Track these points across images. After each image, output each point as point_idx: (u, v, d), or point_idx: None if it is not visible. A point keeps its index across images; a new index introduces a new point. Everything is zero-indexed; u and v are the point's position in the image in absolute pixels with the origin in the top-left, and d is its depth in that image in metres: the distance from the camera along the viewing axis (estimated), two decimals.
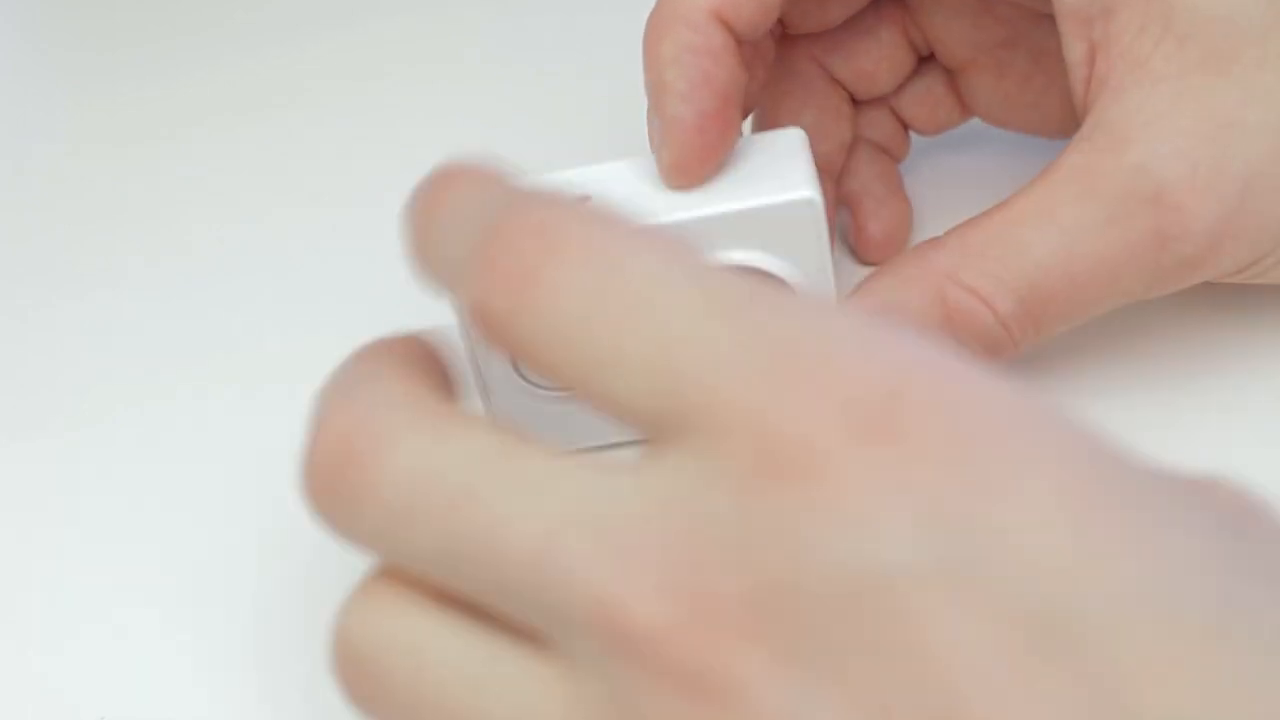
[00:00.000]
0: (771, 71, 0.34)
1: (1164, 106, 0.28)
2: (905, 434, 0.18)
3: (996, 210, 0.29)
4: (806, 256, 0.29)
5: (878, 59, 0.34)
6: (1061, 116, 0.34)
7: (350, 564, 0.30)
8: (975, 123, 0.37)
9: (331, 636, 0.21)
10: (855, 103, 0.35)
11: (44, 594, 0.32)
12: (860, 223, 0.35)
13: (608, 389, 0.20)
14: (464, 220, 0.21)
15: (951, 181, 0.37)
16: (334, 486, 0.21)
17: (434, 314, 0.37)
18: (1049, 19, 0.32)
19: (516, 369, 0.30)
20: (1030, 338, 0.29)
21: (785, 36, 0.34)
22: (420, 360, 0.23)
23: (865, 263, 0.35)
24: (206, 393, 0.36)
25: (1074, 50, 0.30)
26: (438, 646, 0.20)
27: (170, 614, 0.31)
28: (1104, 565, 0.18)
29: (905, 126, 0.36)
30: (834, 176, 0.35)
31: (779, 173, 0.29)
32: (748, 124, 0.35)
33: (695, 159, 0.29)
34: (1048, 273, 0.28)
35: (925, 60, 0.35)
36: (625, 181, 0.30)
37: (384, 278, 0.39)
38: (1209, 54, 0.28)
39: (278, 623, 0.30)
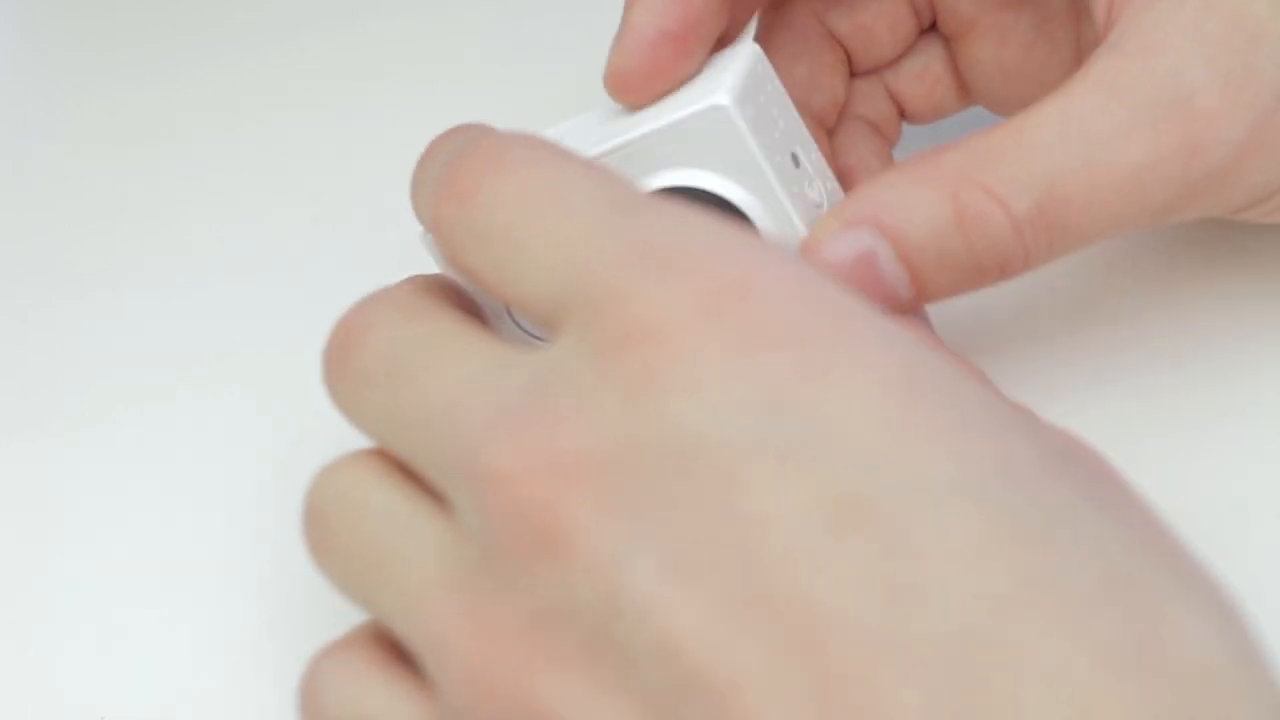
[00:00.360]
0: (768, 22, 0.34)
1: (1193, 17, 0.27)
2: (747, 317, 0.20)
3: (1018, 116, 0.27)
4: (737, 165, 0.28)
5: (878, 14, 0.34)
6: None
7: None
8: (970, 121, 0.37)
9: (304, 499, 0.25)
10: (852, 73, 0.35)
11: (44, 594, 0.32)
12: None
13: (518, 288, 0.22)
14: (440, 158, 0.25)
15: None
16: (331, 365, 0.24)
17: None
18: None
19: (514, 320, 0.30)
20: (1042, 251, 0.27)
21: None
22: (443, 284, 0.27)
23: None
24: (206, 392, 0.36)
25: None
26: (373, 505, 0.23)
27: (170, 614, 0.31)
28: (918, 454, 0.19)
29: (900, 110, 0.36)
30: (828, 130, 0.35)
31: (705, 86, 0.28)
32: None
33: (639, 74, 0.28)
34: (1069, 177, 0.27)
35: (925, 35, 0.35)
36: (588, 123, 0.30)
37: (385, 278, 0.39)
38: None
39: (279, 622, 0.30)
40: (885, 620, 0.18)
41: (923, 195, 0.27)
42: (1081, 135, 0.27)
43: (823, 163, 0.29)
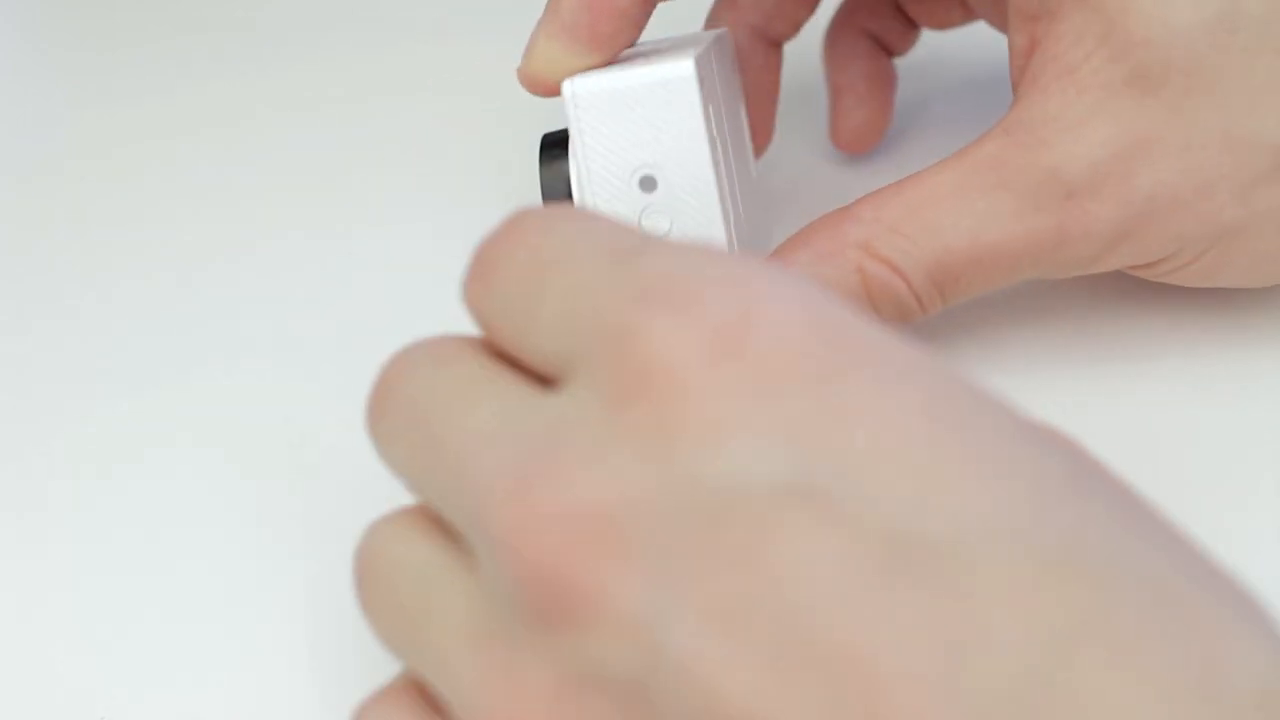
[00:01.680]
0: None
1: (1084, 115, 0.29)
2: (755, 356, 0.19)
3: (911, 184, 0.30)
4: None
5: None
6: None
7: (346, 568, 0.31)
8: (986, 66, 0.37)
9: (354, 554, 0.25)
10: None
11: (44, 594, 0.32)
12: (834, 115, 0.39)
13: (532, 345, 0.22)
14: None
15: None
16: (370, 414, 0.24)
17: (432, 324, 0.37)
18: None
19: None
20: (936, 306, 0.31)
21: None
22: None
23: (836, 146, 0.39)
24: (205, 398, 0.36)
25: (1016, 39, 0.31)
26: (409, 562, 0.23)
27: (170, 614, 0.31)
28: (954, 490, 0.19)
29: (908, 21, 0.38)
30: (779, 45, 0.37)
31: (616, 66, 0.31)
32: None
33: (537, 82, 0.31)
34: (955, 254, 0.30)
35: None
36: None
37: (386, 283, 0.39)
38: (1138, 73, 0.29)
39: (278, 623, 0.30)
40: (942, 671, 0.17)
41: (832, 270, 0.30)
42: (969, 217, 0.30)
43: (714, 205, 0.30)
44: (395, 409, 0.23)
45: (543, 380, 0.22)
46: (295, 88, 0.47)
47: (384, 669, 0.29)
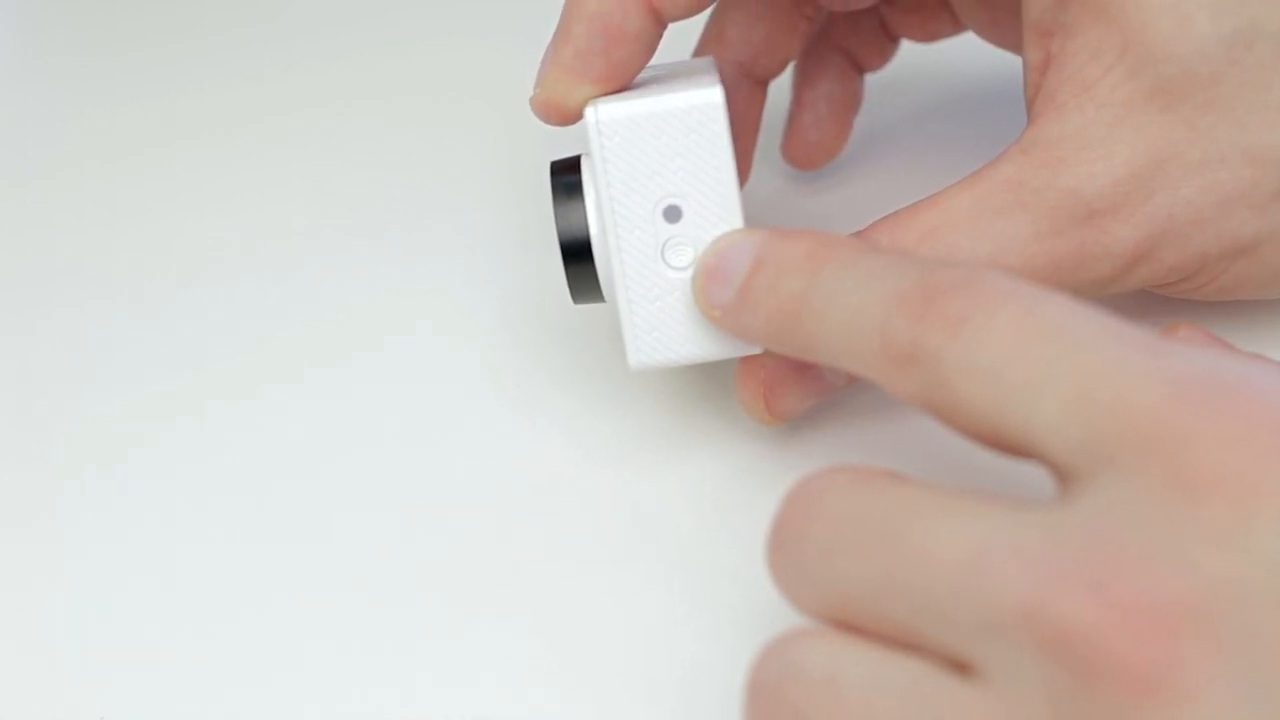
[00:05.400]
0: None
1: (1103, 133, 0.29)
2: None
3: (926, 207, 0.30)
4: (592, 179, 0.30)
5: None
6: None
7: (343, 569, 0.31)
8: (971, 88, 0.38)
9: (747, 674, 0.23)
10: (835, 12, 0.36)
11: (44, 594, 0.32)
12: (790, 130, 0.38)
13: (1027, 427, 0.21)
14: (862, 283, 0.24)
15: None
16: (786, 538, 0.23)
17: (430, 334, 0.37)
18: None
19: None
20: None
21: None
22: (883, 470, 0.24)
23: (786, 159, 0.39)
24: (203, 402, 0.36)
25: (1032, 55, 0.30)
26: (854, 675, 0.21)
27: (171, 614, 0.31)
28: None
29: (889, 36, 0.37)
30: (765, 83, 0.36)
31: (630, 94, 0.30)
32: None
33: (552, 110, 0.30)
34: None
35: None
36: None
37: (386, 286, 0.39)
38: (1158, 89, 0.28)
39: (277, 624, 0.31)
40: None
41: None
42: (988, 240, 0.29)
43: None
44: (828, 529, 0.22)
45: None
46: (297, 91, 0.47)
47: (381, 667, 0.29)
